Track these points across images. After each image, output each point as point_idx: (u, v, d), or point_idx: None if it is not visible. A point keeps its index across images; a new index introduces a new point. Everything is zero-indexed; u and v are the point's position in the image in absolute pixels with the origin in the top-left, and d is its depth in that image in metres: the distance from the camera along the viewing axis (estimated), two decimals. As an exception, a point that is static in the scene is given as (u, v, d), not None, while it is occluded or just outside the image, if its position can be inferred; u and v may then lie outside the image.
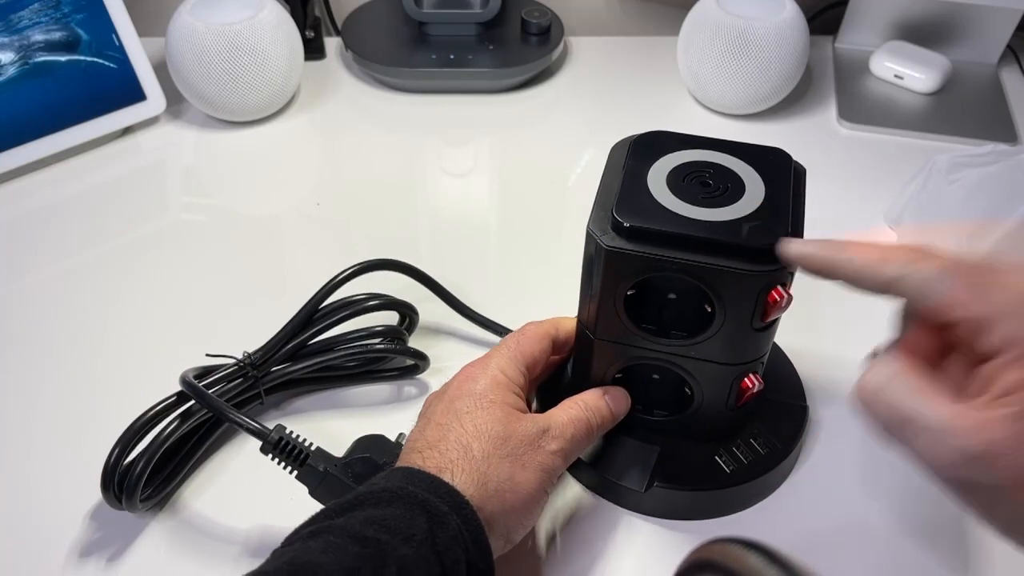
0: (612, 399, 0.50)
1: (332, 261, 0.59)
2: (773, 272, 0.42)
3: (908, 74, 0.85)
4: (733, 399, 0.49)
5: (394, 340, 0.58)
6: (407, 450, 0.46)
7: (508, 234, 0.72)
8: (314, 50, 0.90)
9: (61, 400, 0.58)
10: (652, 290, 0.45)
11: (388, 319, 0.59)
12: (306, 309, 0.56)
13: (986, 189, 0.61)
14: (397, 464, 0.45)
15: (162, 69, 0.79)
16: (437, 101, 0.85)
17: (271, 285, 0.66)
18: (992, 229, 0.57)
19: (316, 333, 0.56)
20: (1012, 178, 0.61)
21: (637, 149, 0.48)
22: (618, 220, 0.43)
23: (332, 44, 0.92)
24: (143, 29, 0.78)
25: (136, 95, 0.79)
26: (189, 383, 0.49)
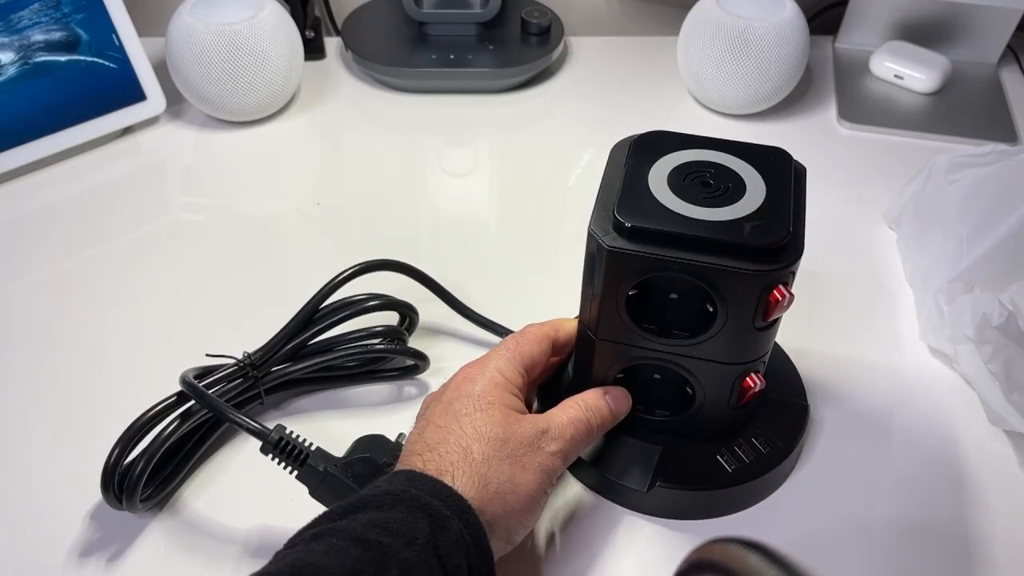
0: (613, 399, 0.50)
1: (332, 261, 0.59)
2: (776, 271, 0.42)
3: (908, 74, 0.85)
4: (735, 398, 0.49)
5: (394, 340, 0.58)
6: (407, 452, 0.45)
7: (508, 234, 0.72)
8: (314, 50, 0.90)
9: (61, 400, 0.58)
10: (654, 290, 0.45)
11: (388, 319, 0.59)
12: (306, 309, 0.56)
13: (986, 189, 0.61)
14: (397, 466, 0.45)
15: (162, 69, 0.79)
16: (437, 101, 0.85)
17: (271, 285, 0.66)
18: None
19: (316, 333, 0.56)
20: (1012, 178, 0.61)
21: (638, 149, 0.48)
22: (620, 220, 0.43)
23: (332, 44, 0.92)
24: (143, 29, 0.78)
25: (136, 95, 0.78)
26: (189, 383, 0.49)
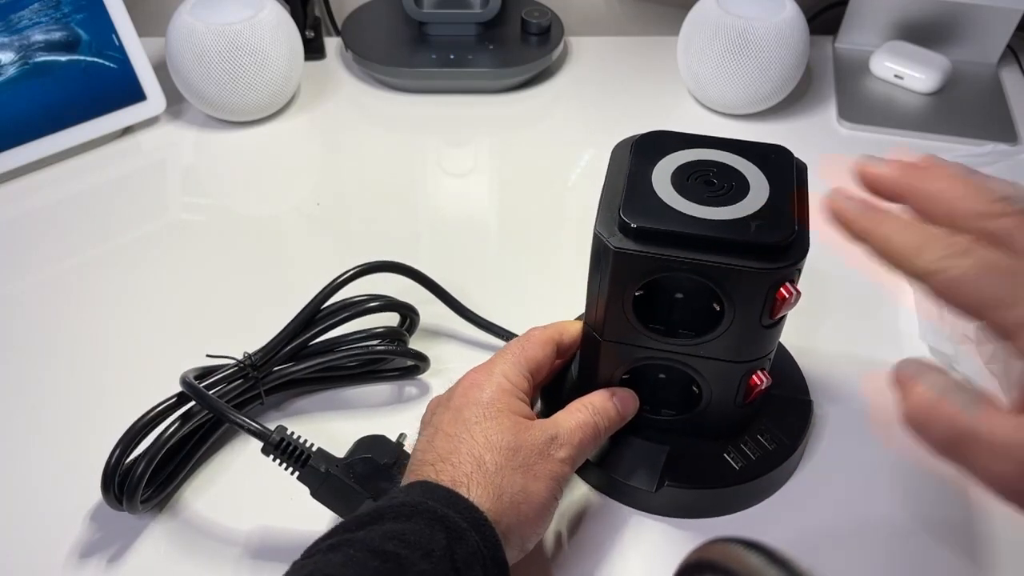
0: (620, 400, 0.49)
1: (332, 261, 0.59)
2: (783, 268, 0.42)
3: (908, 74, 0.85)
4: (741, 396, 0.49)
5: (395, 341, 0.57)
6: (418, 461, 0.45)
7: (508, 234, 0.72)
8: (314, 50, 0.89)
9: (62, 400, 0.58)
10: (660, 290, 0.45)
11: (389, 320, 0.59)
12: (307, 310, 0.56)
13: (987, 189, 0.61)
14: (408, 475, 0.45)
15: (162, 69, 0.79)
16: (437, 101, 0.85)
17: (271, 285, 0.66)
18: None
19: (317, 334, 0.56)
20: (1012, 178, 0.60)
21: (639, 149, 0.48)
22: (625, 221, 0.43)
23: (332, 44, 0.92)
24: (143, 29, 0.78)
25: (136, 95, 0.78)
26: (189, 384, 0.49)
